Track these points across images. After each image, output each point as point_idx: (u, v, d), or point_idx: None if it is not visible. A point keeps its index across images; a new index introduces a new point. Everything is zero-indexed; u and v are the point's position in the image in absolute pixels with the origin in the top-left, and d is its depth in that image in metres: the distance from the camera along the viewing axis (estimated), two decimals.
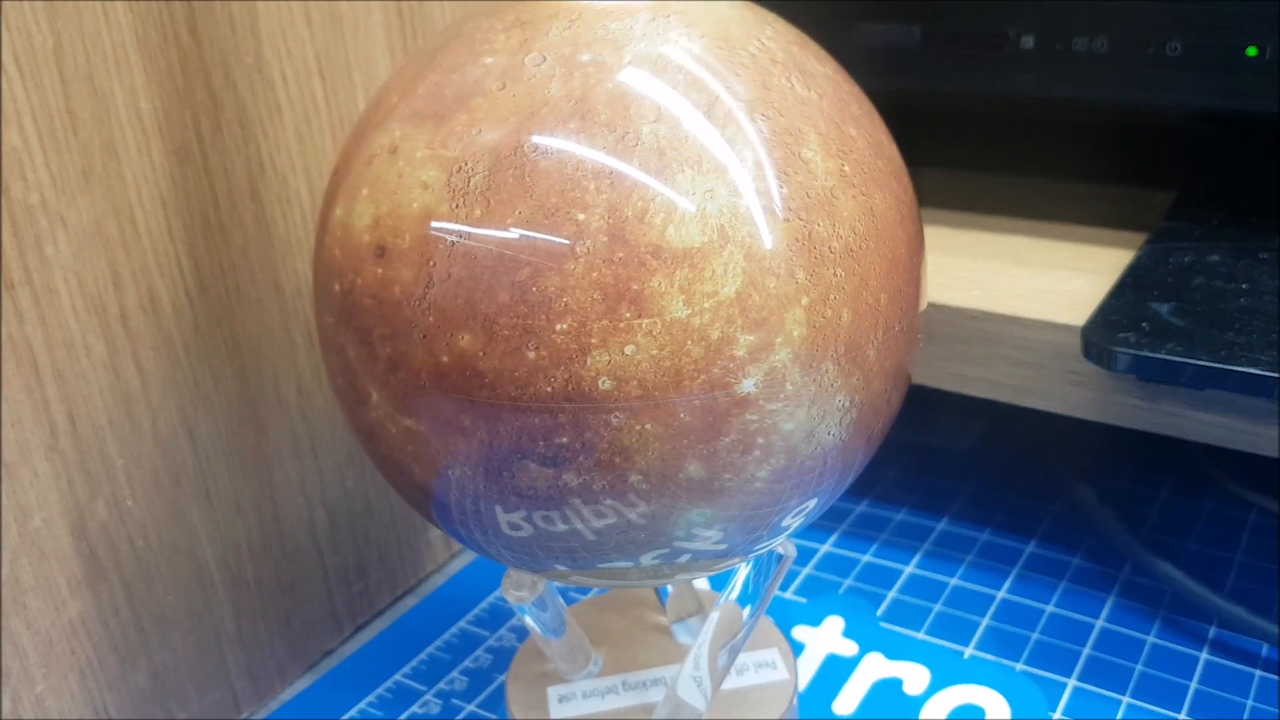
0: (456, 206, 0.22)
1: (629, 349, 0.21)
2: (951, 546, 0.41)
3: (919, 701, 0.34)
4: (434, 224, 0.22)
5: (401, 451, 0.24)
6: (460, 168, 0.22)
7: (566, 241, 0.21)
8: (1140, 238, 0.37)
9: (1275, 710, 0.33)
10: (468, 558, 0.43)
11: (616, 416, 0.22)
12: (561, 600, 0.31)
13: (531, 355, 0.21)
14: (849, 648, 0.37)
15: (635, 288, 0.21)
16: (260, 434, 0.35)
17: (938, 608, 0.38)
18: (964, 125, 0.46)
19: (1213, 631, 0.36)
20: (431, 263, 0.22)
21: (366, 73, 0.35)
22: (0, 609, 0.29)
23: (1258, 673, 0.34)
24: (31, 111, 0.27)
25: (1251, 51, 0.33)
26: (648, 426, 0.22)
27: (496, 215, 0.21)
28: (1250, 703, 0.33)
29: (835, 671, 0.36)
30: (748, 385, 0.22)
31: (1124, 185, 0.42)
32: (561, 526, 0.24)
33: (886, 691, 0.35)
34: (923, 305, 0.26)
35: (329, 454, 0.37)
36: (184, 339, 0.32)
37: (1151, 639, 0.36)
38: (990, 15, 0.36)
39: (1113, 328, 0.31)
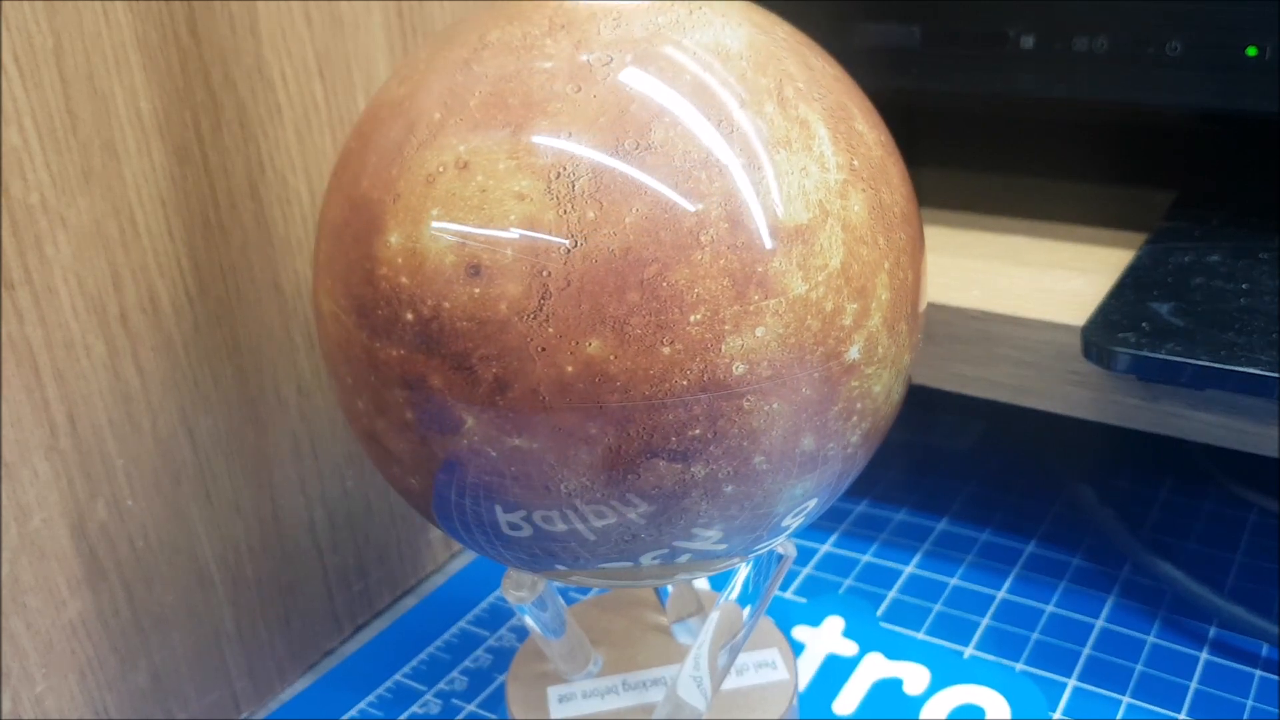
0: (565, 212, 0.21)
1: (759, 331, 0.22)
2: (951, 546, 0.41)
3: (919, 701, 0.34)
4: (542, 233, 0.21)
5: (501, 474, 0.23)
6: (559, 173, 0.21)
7: (690, 233, 0.21)
8: (1140, 238, 0.37)
9: (1275, 710, 0.33)
10: (468, 558, 0.43)
11: (748, 400, 0.22)
12: (561, 600, 0.31)
13: (666, 350, 0.21)
14: (849, 648, 0.37)
15: (760, 270, 0.22)
16: (260, 434, 0.35)
17: (938, 608, 0.38)
18: (964, 125, 0.46)
19: (1213, 631, 0.36)
20: (545, 273, 0.21)
21: (366, 73, 0.35)
22: (0, 609, 0.29)
23: (1258, 673, 0.34)
24: (31, 111, 0.27)
25: (1251, 51, 0.33)
26: (775, 405, 0.22)
27: (613, 216, 0.21)
28: (1250, 703, 0.33)
29: (835, 671, 0.36)
30: (854, 352, 0.23)
31: (1124, 185, 0.42)
32: (561, 526, 0.24)
33: (886, 691, 0.35)
34: (923, 305, 0.26)
35: (329, 454, 0.37)
36: (184, 339, 0.32)
37: (1151, 639, 0.36)
38: (990, 15, 0.36)
39: (1113, 328, 0.31)
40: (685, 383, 0.22)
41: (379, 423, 0.24)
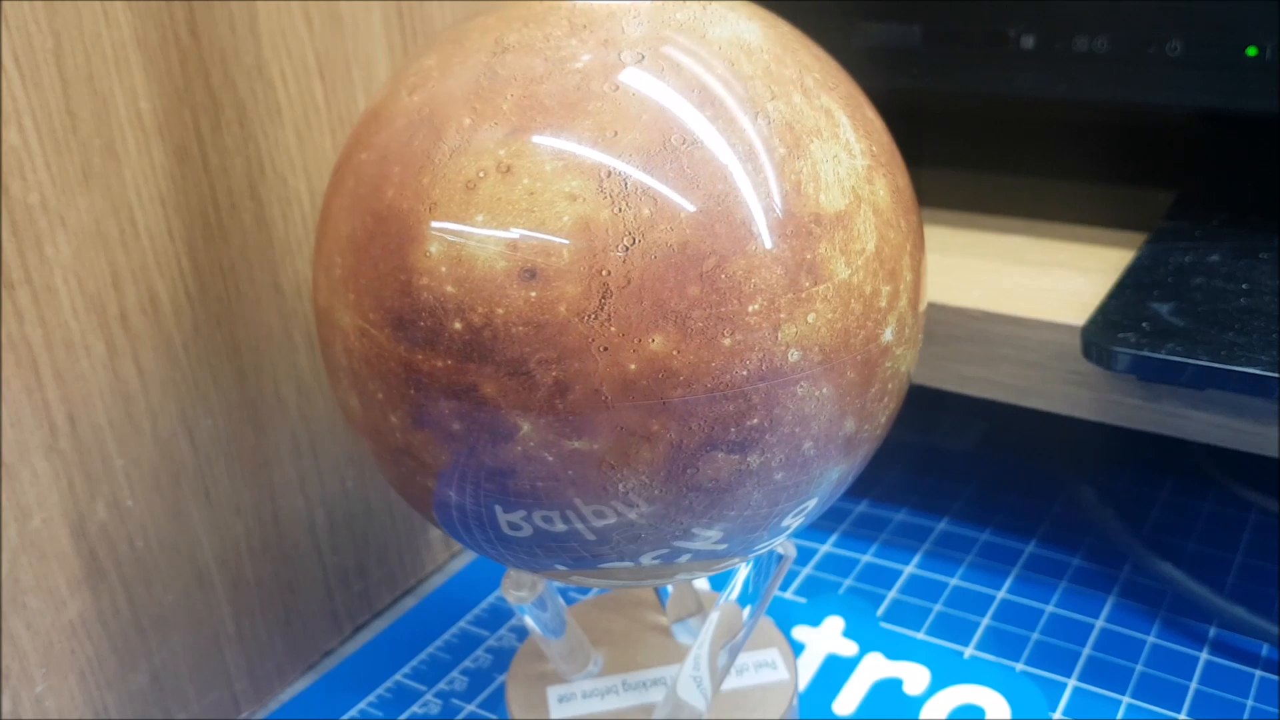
0: (620, 210, 0.21)
1: (810, 317, 0.22)
2: (951, 546, 0.41)
3: (919, 701, 0.34)
4: (604, 232, 0.21)
5: (557, 479, 0.23)
6: (610, 171, 0.21)
7: (744, 224, 0.22)
8: (1140, 238, 0.37)
9: (1275, 710, 0.33)
10: (468, 558, 0.43)
11: (801, 386, 0.22)
12: (561, 600, 0.31)
13: (727, 342, 0.22)
14: (849, 648, 0.37)
15: (809, 256, 0.22)
16: (260, 434, 0.35)
17: (938, 608, 0.38)
18: (964, 125, 0.46)
19: (1213, 631, 0.36)
20: (604, 272, 0.21)
21: (366, 73, 0.35)
22: (0, 609, 0.29)
23: (1258, 673, 0.34)
24: (31, 111, 0.27)
25: (1251, 51, 0.33)
26: (824, 390, 0.23)
27: (668, 211, 0.21)
28: (1250, 703, 0.33)
29: (835, 671, 0.36)
30: (888, 334, 0.24)
31: (1124, 185, 0.42)
32: (561, 527, 0.24)
33: (886, 691, 0.35)
34: (923, 305, 0.26)
35: (329, 454, 0.37)
36: (184, 339, 0.32)
37: (1151, 639, 0.36)
38: (990, 15, 0.36)
39: (1113, 328, 0.31)
40: (745, 373, 0.22)
41: (417, 437, 0.23)
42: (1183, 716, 0.33)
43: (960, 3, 0.37)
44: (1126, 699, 0.34)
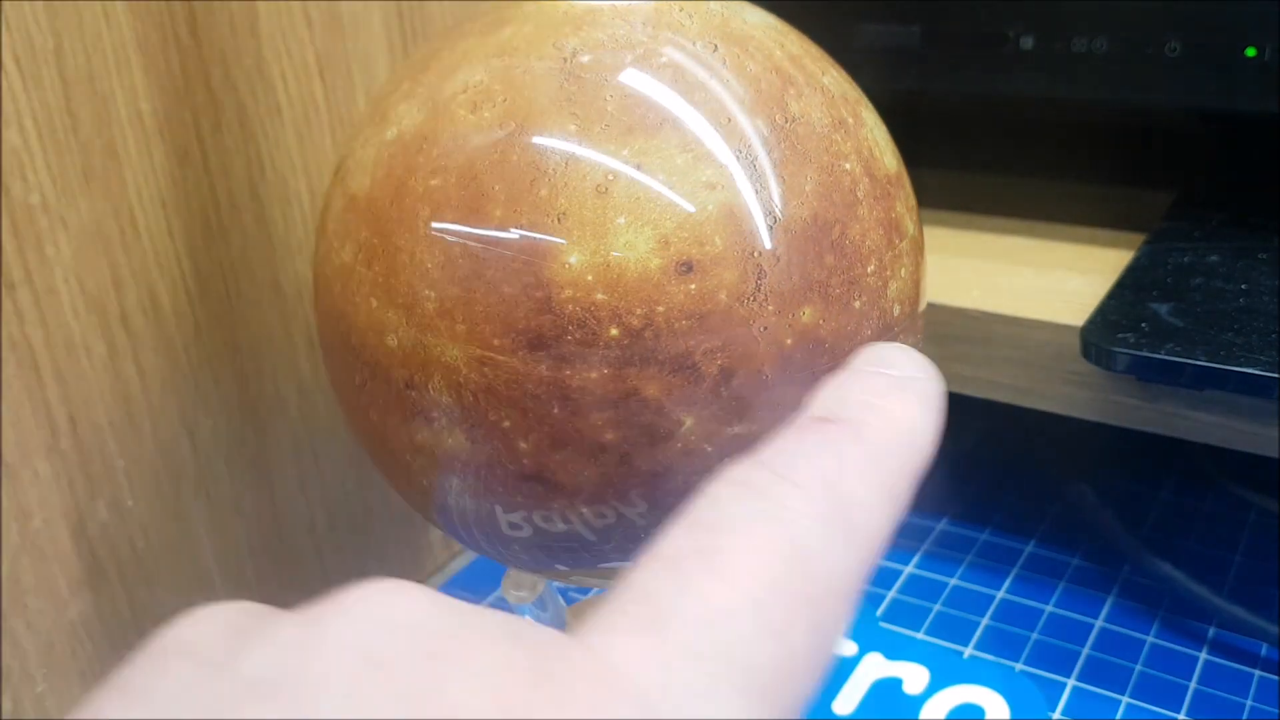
0: (757, 192, 0.22)
1: (903, 272, 0.24)
2: (951, 546, 0.41)
3: (919, 701, 0.34)
4: (749, 214, 0.22)
5: (710, 470, 0.22)
6: (738, 155, 0.22)
7: (850, 190, 0.23)
8: (1140, 238, 0.37)
9: (1275, 710, 0.33)
10: (468, 558, 0.43)
11: (900, 339, 0.24)
12: (561, 600, 0.31)
13: (857, 305, 0.23)
14: (849, 648, 0.37)
15: (893, 216, 0.24)
16: (260, 435, 0.35)
17: (937, 608, 0.38)
18: (964, 125, 0.47)
19: (1212, 631, 0.36)
20: (756, 253, 0.21)
21: (366, 73, 0.35)
22: (0, 609, 0.29)
23: (1257, 673, 0.34)
24: (32, 112, 0.27)
25: (1251, 52, 0.33)
26: (908, 341, 0.24)
27: (795, 186, 0.22)
28: (1250, 703, 0.33)
29: (835, 671, 0.36)
30: (925, 285, 0.26)
31: (1124, 185, 0.42)
32: (561, 526, 0.24)
33: (886, 691, 0.35)
34: (922, 305, 0.26)
35: (329, 455, 0.37)
36: (184, 340, 0.32)
37: (1151, 639, 0.36)
38: (990, 15, 0.36)
39: (1112, 328, 0.31)
40: (869, 332, 0.23)
41: (554, 458, 0.22)
42: (1182, 716, 0.33)
43: (960, 3, 0.37)
44: (1126, 699, 0.34)
